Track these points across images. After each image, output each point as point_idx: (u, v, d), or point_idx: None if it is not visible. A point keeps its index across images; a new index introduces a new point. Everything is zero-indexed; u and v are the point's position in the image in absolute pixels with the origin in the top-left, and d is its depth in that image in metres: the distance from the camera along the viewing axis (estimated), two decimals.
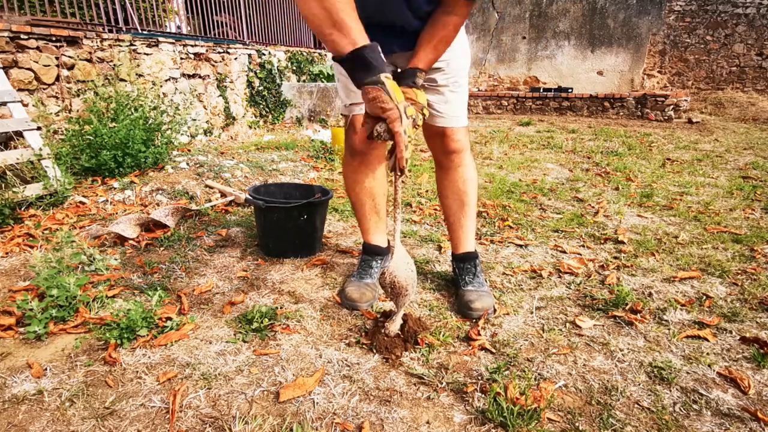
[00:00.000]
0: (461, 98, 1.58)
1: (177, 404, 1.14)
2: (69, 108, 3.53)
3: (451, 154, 1.62)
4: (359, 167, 1.69)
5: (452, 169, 1.65)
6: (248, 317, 1.50)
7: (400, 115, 1.13)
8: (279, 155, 4.02)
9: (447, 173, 1.67)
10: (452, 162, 1.64)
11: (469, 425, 1.11)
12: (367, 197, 1.72)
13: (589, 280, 1.88)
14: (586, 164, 4.15)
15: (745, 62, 8.69)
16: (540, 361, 1.35)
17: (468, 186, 1.67)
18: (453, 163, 1.64)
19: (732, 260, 2.07)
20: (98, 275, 1.83)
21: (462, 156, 1.63)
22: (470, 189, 1.68)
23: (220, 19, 6.30)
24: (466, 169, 1.66)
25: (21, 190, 2.45)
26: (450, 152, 1.62)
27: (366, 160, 1.67)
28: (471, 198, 1.69)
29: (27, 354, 1.35)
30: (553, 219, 2.63)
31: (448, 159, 1.64)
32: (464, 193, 1.67)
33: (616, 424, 1.11)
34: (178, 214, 2.42)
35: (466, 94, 1.60)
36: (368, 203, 1.73)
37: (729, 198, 3.07)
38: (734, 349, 1.42)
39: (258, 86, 5.97)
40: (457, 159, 1.63)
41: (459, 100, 1.57)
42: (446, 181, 1.69)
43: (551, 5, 9.46)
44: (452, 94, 1.55)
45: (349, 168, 1.71)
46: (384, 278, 1.34)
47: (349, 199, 1.79)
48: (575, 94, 7.83)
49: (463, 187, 1.66)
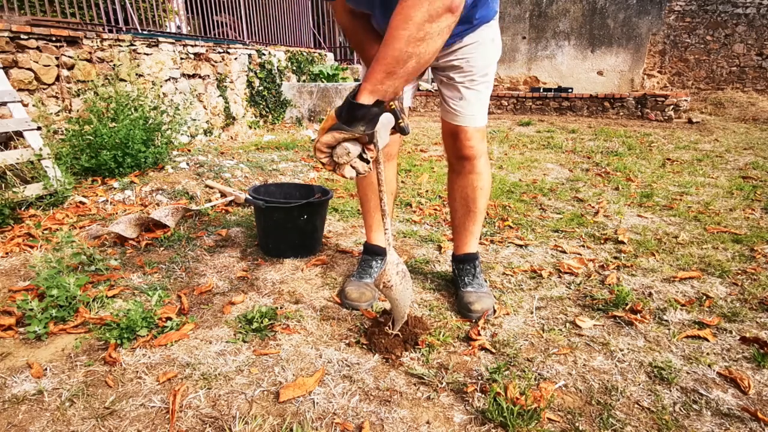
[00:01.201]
0: (479, 97, 1.49)
1: (177, 404, 1.14)
2: (69, 108, 3.53)
3: (462, 159, 1.56)
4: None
5: (463, 175, 1.59)
6: (248, 317, 1.50)
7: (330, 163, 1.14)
8: (279, 155, 4.02)
9: (457, 177, 1.62)
10: (464, 168, 1.58)
11: (469, 425, 1.11)
12: (372, 192, 1.70)
13: (589, 280, 1.88)
14: (586, 164, 4.15)
15: (745, 62, 8.69)
16: (540, 361, 1.35)
17: (477, 194, 1.59)
18: (464, 169, 1.58)
19: (732, 260, 2.07)
20: (98, 275, 1.83)
21: (475, 163, 1.55)
22: (480, 198, 1.60)
23: (220, 19, 6.30)
24: (478, 177, 1.57)
25: (21, 190, 2.45)
26: (461, 157, 1.56)
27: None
28: (480, 206, 1.62)
29: (27, 354, 1.35)
30: (553, 219, 2.63)
31: (459, 164, 1.58)
32: (472, 200, 1.61)
33: (616, 424, 1.11)
34: (178, 214, 2.42)
35: (485, 94, 1.51)
36: (373, 199, 1.71)
37: (729, 198, 3.07)
38: (734, 349, 1.42)
39: (258, 86, 5.97)
40: (469, 165, 1.56)
41: (476, 98, 1.48)
42: (455, 185, 1.63)
43: (551, 5, 9.46)
44: (468, 91, 1.47)
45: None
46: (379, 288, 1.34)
47: (358, 194, 1.78)
48: (575, 94, 7.83)
49: (472, 195, 1.60)
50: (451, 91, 1.49)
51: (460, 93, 1.48)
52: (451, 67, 1.46)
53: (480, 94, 1.50)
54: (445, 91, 1.51)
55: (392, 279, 1.32)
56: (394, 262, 1.34)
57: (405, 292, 1.35)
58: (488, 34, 1.45)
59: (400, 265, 1.36)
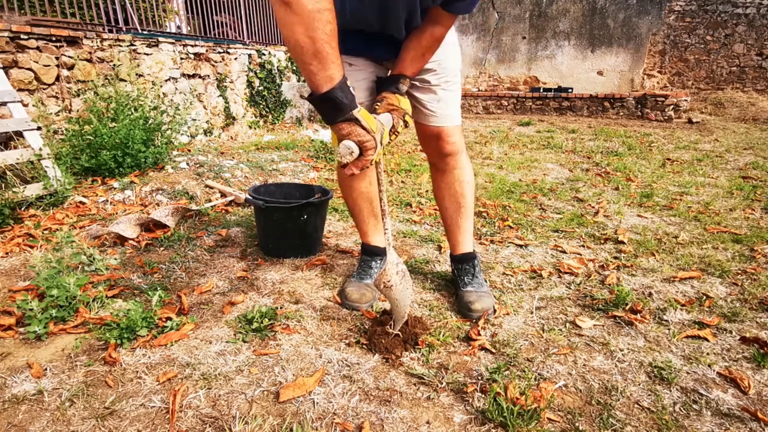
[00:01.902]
0: (454, 97, 1.58)
1: (177, 404, 1.14)
2: (69, 108, 3.53)
3: (446, 156, 1.62)
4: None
5: (448, 172, 1.65)
6: (248, 317, 1.50)
7: (376, 144, 1.17)
8: (279, 155, 4.02)
9: (443, 176, 1.67)
10: (447, 164, 1.64)
11: (469, 425, 1.11)
12: (365, 202, 1.72)
13: (589, 280, 1.88)
14: (586, 164, 4.15)
15: (745, 62, 8.69)
16: (540, 361, 1.35)
17: (464, 188, 1.66)
18: (448, 165, 1.64)
19: (732, 260, 2.07)
20: (98, 275, 1.83)
21: (457, 158, 1.63)
22: (467, 191, 1.67)
23: (220, 19, 6.30)
24: (462, 171, 1.65)
25: (21, 190, 2.45)
26: (445, 155, 1.62)
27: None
28: (468, 200, 1.68)
29: (27, 354, 1.35)
30: (553, 219, 2.63)
31: (443, 162, 1.64)
32: (461, 195, 1.67)
33: (616, 424, 1.11)
34: (178, 214, 2.42)
35: (458, 93, 1.61)
36: (366, 207, 1.73)
37: (729, 198, 3.07)
38: (734, 349, 1.42)
39: (258, 86, 5.97)
40: (452, 161, 1.63)
41: (452, 98, 1.57)
42: (442, 183, 1.68)
43: (551, 5, 9.46)
44: (444, 92, 1.55)
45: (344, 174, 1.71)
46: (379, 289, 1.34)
47: (347, 205, 1.79)
48: (575, 94, 7.83)
49: (460, 189, 1.66)
50: (427, 94, 1.54)
51: (436, 95, 1.54)
52: (426, 71, 1.51)
53: (453, 93, 1.58)
54: (421, 95, 1.55)
55: (392, 279, 1.32)
56: (393, 262, 1.34)
57: (405, 291, 1.35)
58: (453, 37, 1.55)
59: (399, 264, 1.36)
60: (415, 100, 1.55)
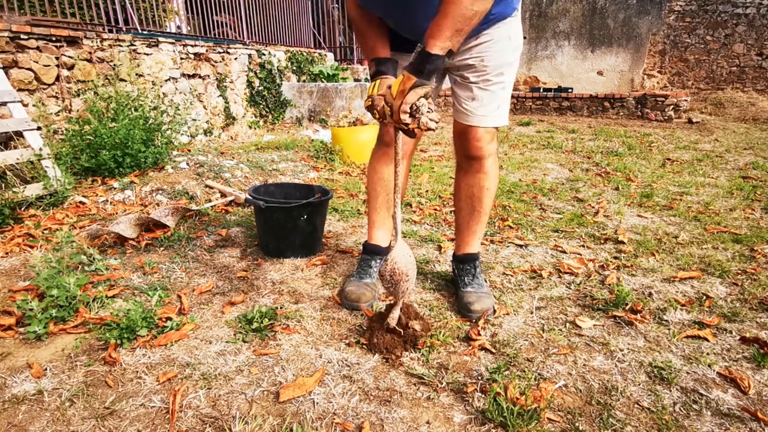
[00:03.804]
0: (493, 98, 1.48)
1: (177, 404, 1.14)
2: (69, 108, 3.53)
3: (471, 159, 1.57)
4: (382, 157, 1.68)
5: (470, 174, 1.60)
6: (248, 317, 1.50)
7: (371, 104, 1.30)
8: (279, 155, 4.02)
9: (464, 176, 1.63)
10: (471, 167, 1.59)
11: (469, 425, 1.11)
12: (381, 189, 1.70)
13: (589, 280, 1.88)
14: (586, 164, 4.15)
15: (745, 62, 8.69)
16: (540, 361, 1.35)
17: (483, 194, 1.60)
18: (472, 167, 1.59)
19: (732, 260, 2.07)
20: (98, 275, 1.82)
21: (483, 163, 1.56)
22: (486, 198, 1.61)
23: (220, 19, 6.29)
24: (486, 177, 1.58)
25: (21, 190, 2.45)
26: (470, 156, 1.57)
27: (389, 152, 1.64)
28: (485, 206, 1.63)
29: (27, 354, 1.35)
30: (553, 219, 2.63)
31: (467, 163, 1.60)
32: (477, 200, 1.62)
33: (616, 424, 1.11)
34: (178, 214, 2.42)
35: (500, 95, 1.49)
36: (381, 195, 1.71)
37: (729, 198, 3.07)
38: (734, 349, 1.42)
39: (258, 86, 5.97)
40: (477, 165, 1.57)
41: (490, 99, 1.48)
42: (462, 183, 1.64)
43: (551, 5, 9.46)
44: (482, 91, 1.47)
45: (374, 155, 1.72)
46: (385, 266, 1.34)
47: (366, 188, 1.79)
48: (575, 94, 7.83)
49: (479, 194, 1.61)
50: (464, 90, 1.50)
51: (472, 93, 1.48)
52: (466, 66, 1.47)
53: (494, 94, 1.48)
54: (459, 90, 1.51)
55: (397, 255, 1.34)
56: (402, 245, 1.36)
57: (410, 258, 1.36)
58: (504, 32, 1.43)
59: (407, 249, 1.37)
60: (454, 95, 1.54)
